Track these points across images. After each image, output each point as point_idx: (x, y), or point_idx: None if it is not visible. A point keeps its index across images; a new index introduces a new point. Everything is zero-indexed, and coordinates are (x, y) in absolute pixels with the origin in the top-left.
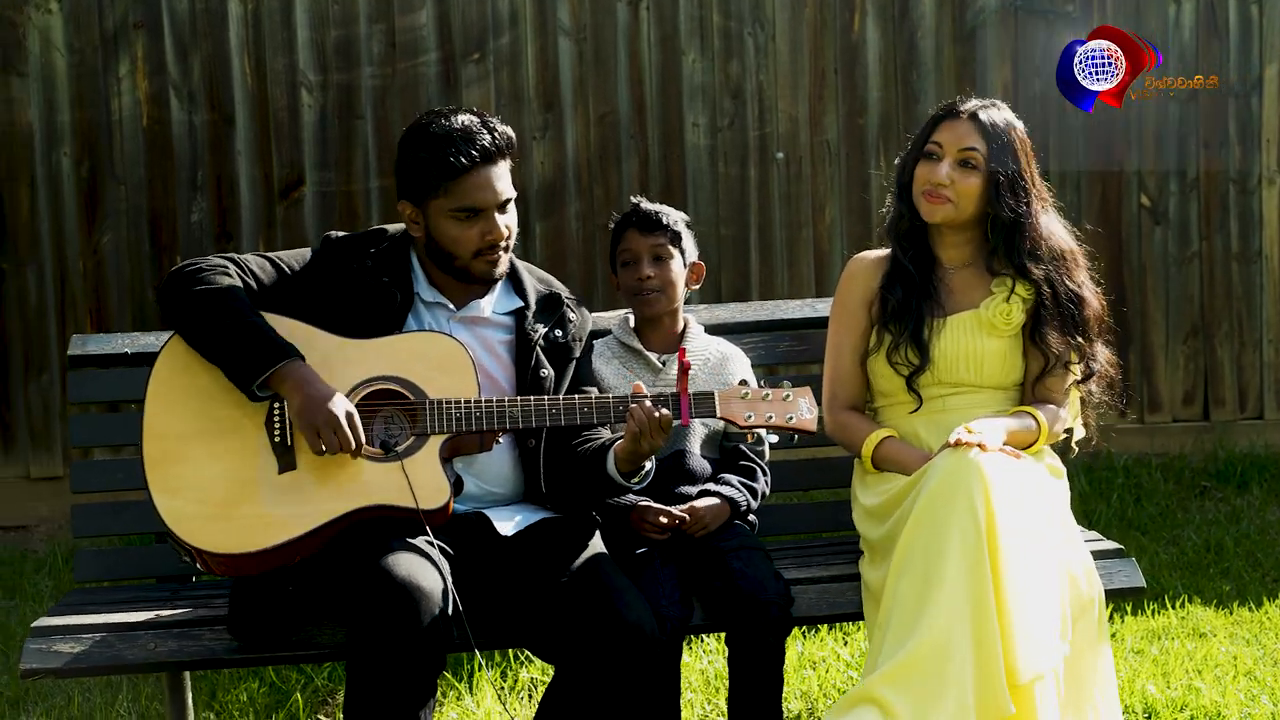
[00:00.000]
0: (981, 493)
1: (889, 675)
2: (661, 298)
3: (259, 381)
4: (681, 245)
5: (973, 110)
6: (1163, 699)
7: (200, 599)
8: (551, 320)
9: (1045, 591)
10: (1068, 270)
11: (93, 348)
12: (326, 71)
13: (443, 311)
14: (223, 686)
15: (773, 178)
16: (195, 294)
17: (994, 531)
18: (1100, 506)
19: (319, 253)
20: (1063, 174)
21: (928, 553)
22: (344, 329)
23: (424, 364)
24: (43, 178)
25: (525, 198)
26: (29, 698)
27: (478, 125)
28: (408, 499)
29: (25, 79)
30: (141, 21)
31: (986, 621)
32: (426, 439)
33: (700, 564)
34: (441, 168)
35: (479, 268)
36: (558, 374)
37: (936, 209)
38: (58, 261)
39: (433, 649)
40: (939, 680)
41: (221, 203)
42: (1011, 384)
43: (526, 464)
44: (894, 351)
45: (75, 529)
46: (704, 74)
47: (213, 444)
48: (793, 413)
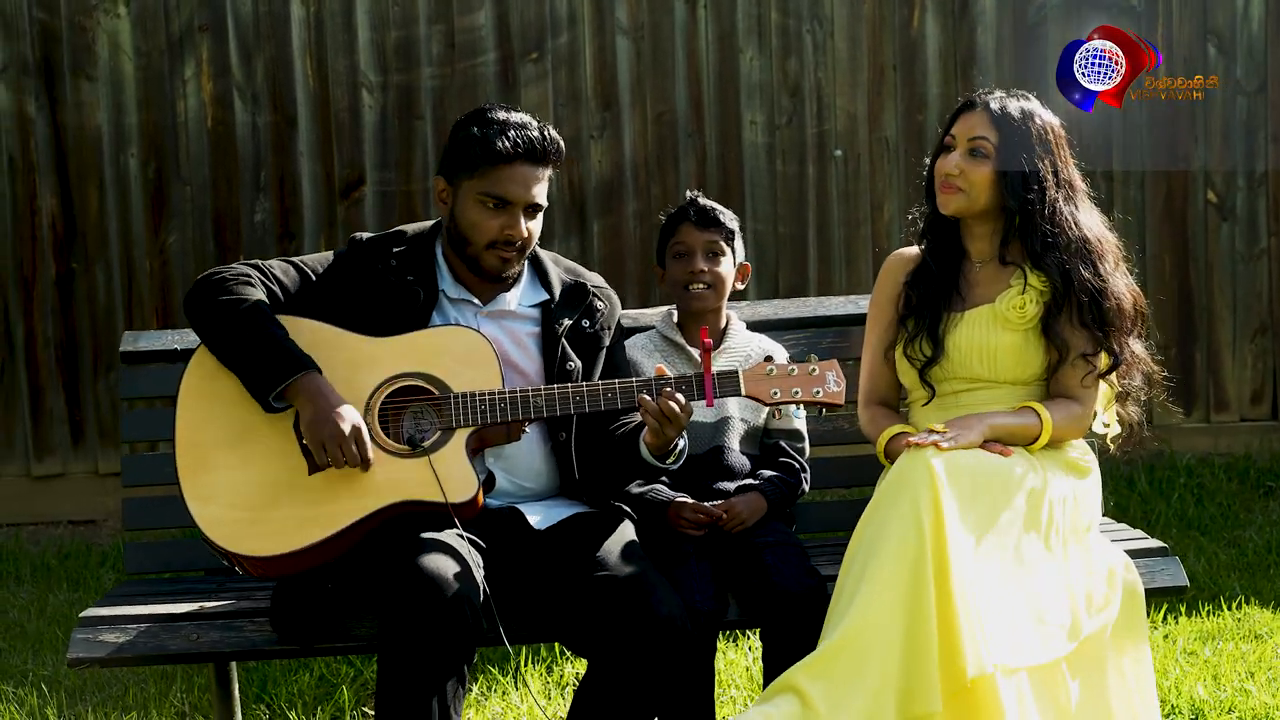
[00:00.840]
0: (928, 491)
1: (809, 665)
2: (710, 294)
3: (274, 394)
4: (734, 244)
5: (986, 101)
6: (1211, 700)
7: (244, 591)
8: (578, 311)
9: (1003, 590)
10: (1089, 262)
11: (144, 344)
12: (387, 72)
13: (469, 307)
14: (273, 679)
15: (831, 175)
16: (218, 304)
17: (941, 530)
18: (1160, 506)
19: (343, 254)
20: (1127, 171)
21: (870, 547)
22: (369, 328)
23: (448, 358)
24: (111, 179)
25: (583, 196)
26: (87, 688)
27: (533, 125)
28: (436, 493)
29: (95, 83)
30: (206, 25)
31: (921, 618)
32: (453, 432)
33: (735, 559)
34: (486, 148)
35: (489, 260)
36: (586, 364)
37: (949, 200)
38: (125, 261)
39: (461, 641)
40: (856, 671)
41: (284, 203)
42: (1030, 378)
43: (559, 457)
44: (909, 344)
45: (126, 522)
46: (762, 72)
47: (243, 449)
48: (819, 386)
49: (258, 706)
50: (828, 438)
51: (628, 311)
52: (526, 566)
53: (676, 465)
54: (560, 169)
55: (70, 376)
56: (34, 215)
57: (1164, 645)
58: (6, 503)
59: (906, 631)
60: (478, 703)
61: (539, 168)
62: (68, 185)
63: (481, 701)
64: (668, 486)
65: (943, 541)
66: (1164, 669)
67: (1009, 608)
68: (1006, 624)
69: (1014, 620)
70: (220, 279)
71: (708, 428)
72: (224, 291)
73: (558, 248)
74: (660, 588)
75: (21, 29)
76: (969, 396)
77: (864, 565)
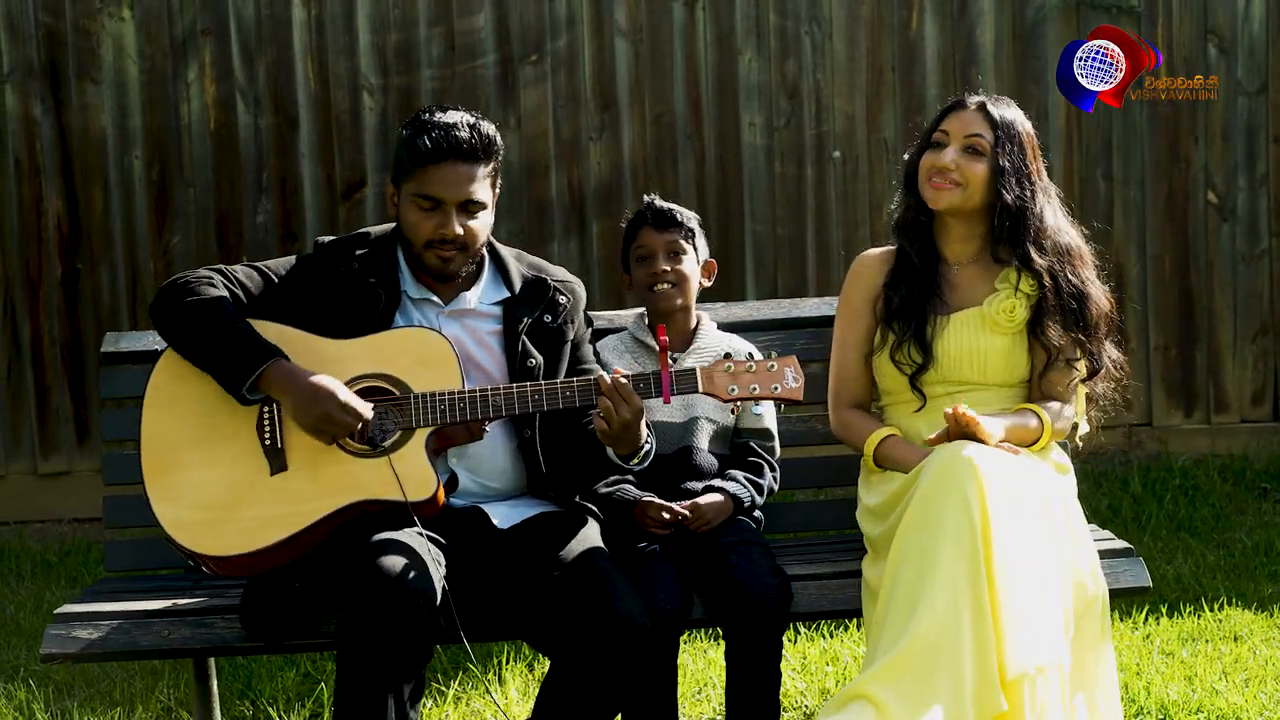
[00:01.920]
0: (975, 488)
1: (882, 672)
2: (675, 293)
3: (248, 384)
4: (695, 242)
5: (980, 102)
6: (1180, 701)
7: (218, 589)
8: (540, 307)
9: (1039, 588)
10: (1072, 266)
11: (125, 345)
12: (387, 74)
13: (431, 307)
14: (257, 675)
15: (829, 177)
16: (184, 305)
17: (988, 527)
18: (1152, 507)
19: (306, 258)
20: (1127, 171)
21: (922, 549)
22: (332, 331)
23: (408, 359)
24: (115, 181)
25: (582, 197)
26: (76, 684)
27: (464, 123)
28: (395, 492)
29: (99, 86)
30: (209, 28)
31: (983, 617)
32: (413, 432)
33: (700, 559)
34: (414, 150)
35: (430, 260)
36: (549, 359)
37: (942, 195)
38: (130, 261)
39: (417, 638)
40: (932, 677)
41: (286, 204)
42: (1017, 381)
43: (525, 455)
44: (897, 350)
45: (107, 519)
46: (760, 73)
47: (207, 451)
48: (777, 382)
49: (241, 703)
50: (802, 438)
51: (605, 313)
52: (489, 565)
53: (641, 466)
54: (499, 164)
55: (76, 375)
56: (40, 217)
57: (1143, 646)
58: (13, 500)
59: (974, 631)
60: (457, 700)
61: (470, 165)
62: (73, 187)
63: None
64: (635, 485)
65: (989, 539)
66: (1139, 669)
67: (1041, 605)
68: (1040, 623)
69: (1043, 618)
70: (184, 283)
71: (676, 428)
72: (189, 294)
73: (558, 249)
74: (619, 586)
75: (27, 32)
76: (958, 399)
77: (920, 563)
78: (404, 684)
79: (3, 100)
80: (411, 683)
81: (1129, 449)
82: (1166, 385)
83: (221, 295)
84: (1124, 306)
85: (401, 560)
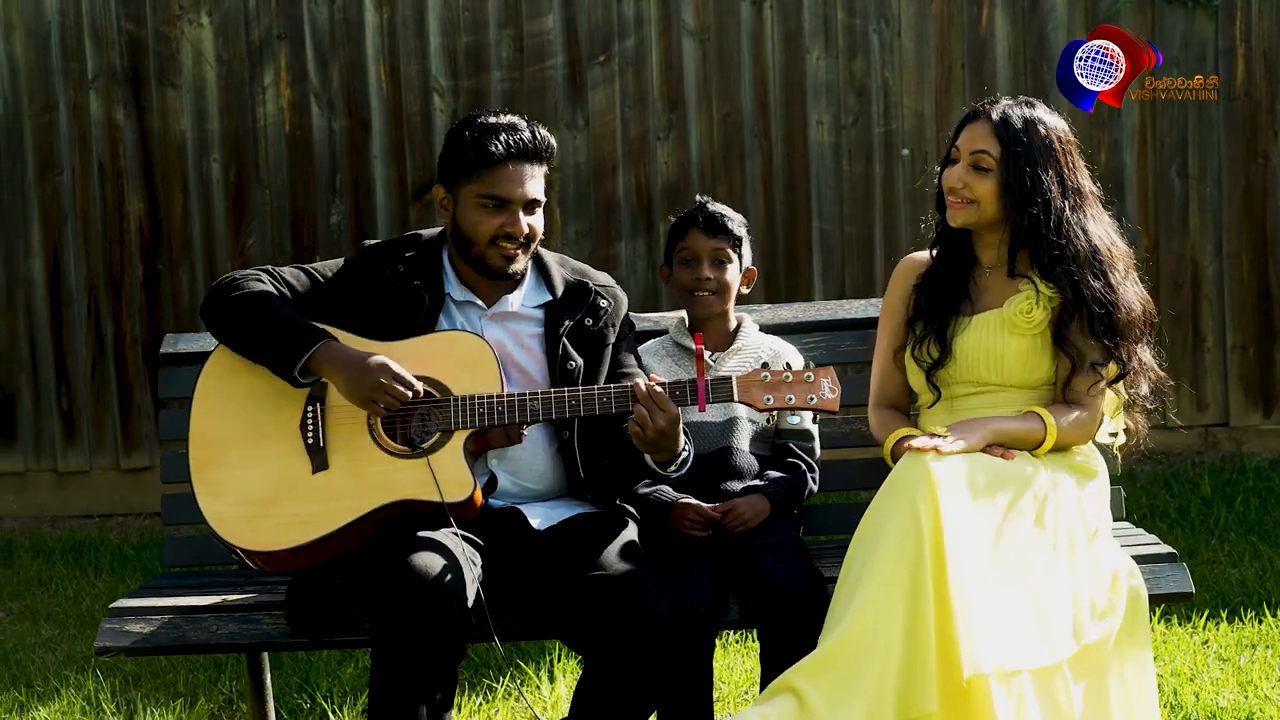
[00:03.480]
0: (927, 493)
1: (807, 666)
2: (715, 300)
3: (299, 367)
4: (741, 250)
5: (990, 111)
6: (1229, 708)
7: (267, 585)
8: (581, 310)
9: (1008, 593)
10: (1102, 273)
11: (184, 346)
12: (457, 76)
13: (474, 310)
14: (316, 670)
15: (898, 175)
16: (232, 300)
17: (939, 532)
18: (1221, 510)
19: (352, 260)
20: (1203, 167)
21: (866, 553)
22: (376, 332)
23: (449, 362)
24: (194, 183)
25: (650, 197)
26: (143, 675)
27: (523, 125)
28: (432, 492)
29: (179, 90)
30: (285, 33)
31: (920, 619)
32: (451, 434)
33: (735, 560)
34: (480, 152)
35: (494, 259)
36: (590, 363)
37: (956, 213)
38: (208, 262)
39: (448, 637)
40: (854, 673)
41: (359, 205)
42: (1038, 383)
43: (565, 458)
44: (917, 346)
45: (165, 516)
46: (828, 71)
47: (252, 448)
48: (814, 393)
49: (300, 696)
50: (846, 440)
51: (649, 315)
52: (525, 566)
53: (679, 473)
54: (553, 166)
55: (156, 374)
56: (122, 219)
57: (1200, 651)
58: (98, 494)
59: (905, 632)
60: (507, 695)
61: (533, 165)
62: (154, 190)
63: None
64: (673, 487)
65: (940, 543)
66: (1194, 675)
67: (1011, 609)
68: (1009, 626)
69: (1016, 622)
70: (232, 281)
71: (716, 428)
72: (236, 290)
73: (625, 248)
74: (652, 586)
75: (111, 39)
76: (975, 400)
77: (862, 567)
78: (436, 681)
79: (87, 106)
80: (444, 680)
81: (1204, 450)
82: (1244, 385)
83: (268, 289)
84: (1199, 305)
85: (435, 559)
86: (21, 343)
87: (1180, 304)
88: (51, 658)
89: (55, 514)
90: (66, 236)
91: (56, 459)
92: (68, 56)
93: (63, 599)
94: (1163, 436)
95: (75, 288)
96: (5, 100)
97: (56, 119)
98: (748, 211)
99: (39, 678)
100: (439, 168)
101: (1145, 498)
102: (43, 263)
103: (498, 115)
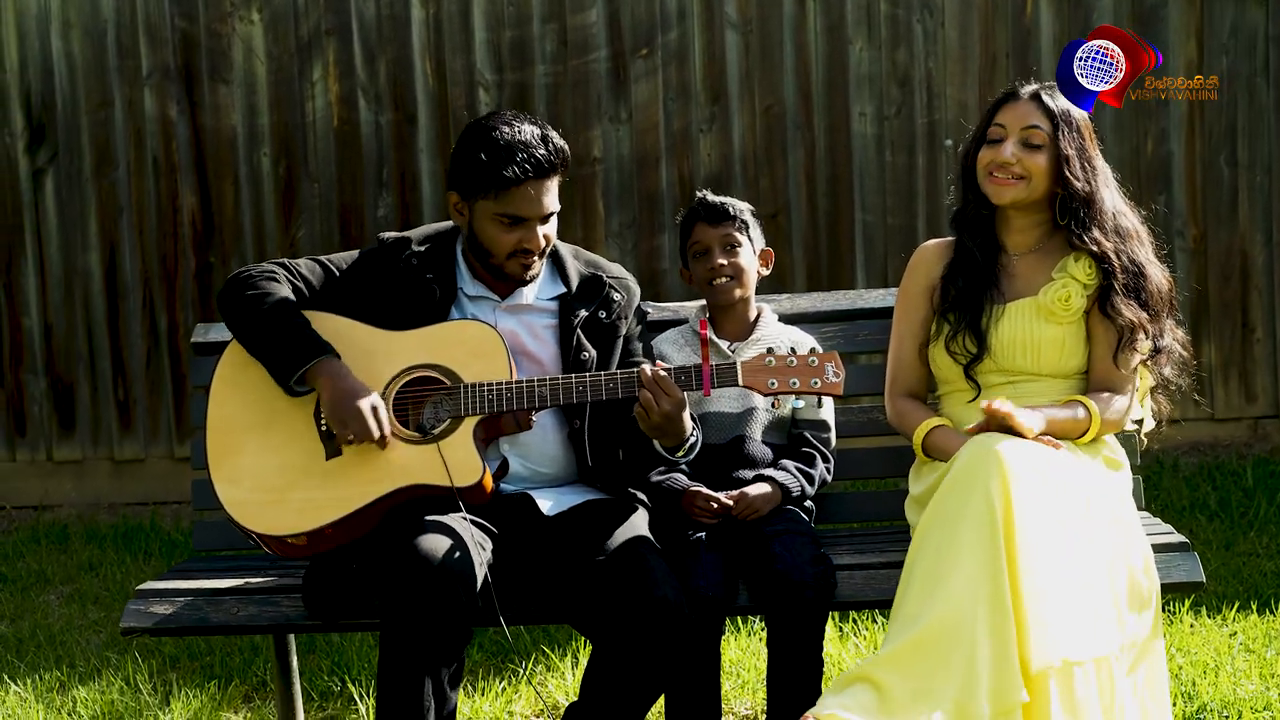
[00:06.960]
0: (999, 481)
1: (889, 657)
2: (734, 285)
3: (295, 377)
4: (750, 233)
5: (1033, 91)
6: (1247, 698)
7: (288, 570)
8: (595, 302)
9: (1075, 583)
10: (1132, 247)
11: (214, 335)
12: (502, 70)
13: (487, 303)
14: (345, 652)
15: (941, 165)
16: (245, 298)
17: (1011, 521)
18: (1262, 503)
19: (368, 252)
20: (1252, 156)
21: (942, 539)
22: (389, 323)
23: (460, 350)
24: (245, 177)
25: (692, 190)
26: (181, 657)
27: (537, 139)
28: (443, 478)
29: (230, 86)
30: (333, 28)
31: (1002, 610)
32: (462, 420)
33: (745, 547)
34: (496, 176)
35: (511, 268)
36: (602, 354)
37: (1005, 190)
38: (259, 255)
39: (454, 621)
40: (943, 664)
41: (405, 197)
42: (1072, 372)
43: (575, 444)
44: (952, 340)
45: (195, 502)
46: (871, 63)
47: (268, 435)
48: (818, 377)
49: (330, 679)
50: (863, 429)
51: (671, 305)
52: (535, 551)
53: (687, 459)
54: (568, 171)
55: None
56: (175, 213)
57: (1227, 642)
58: (153, 482)
59: (990, 623)
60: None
61: (548, 179)
62: (206, 184)
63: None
64: (686, 475)
65: (1012, 532)
66: (1217, 665)
67: (1072, 600)
68: (1073, 616)
69: (1079, 612)
70: (248, 276)
71: (731, 417)
72: (250, 287)
73: (668, 240)
74: (659, 570)
75: (164, 37)
76: (1007, 390)
77: (939, 556)
78: (442, 664)
79: (142, 102)
80: (451, 663)
81: (1253, 442)
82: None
83: (283, 292)
84: (1249, 296)
85: (442, 542)
86: (79, 335)
87: (1229, 294)
88: (95, 639)
89: (112, 501)
90: (122, 230)
91: (113, 447)
92: (123, 54)
93: (110, 583)
94: (1210, 428)
95: (130, 280)
96: (64, 97)
97: (112, 115)
98: (790, 203)
99: (81, 658)
100: (452, 173)
101: (1186, 489)
102: (99, 256)
103: (511, 125)
